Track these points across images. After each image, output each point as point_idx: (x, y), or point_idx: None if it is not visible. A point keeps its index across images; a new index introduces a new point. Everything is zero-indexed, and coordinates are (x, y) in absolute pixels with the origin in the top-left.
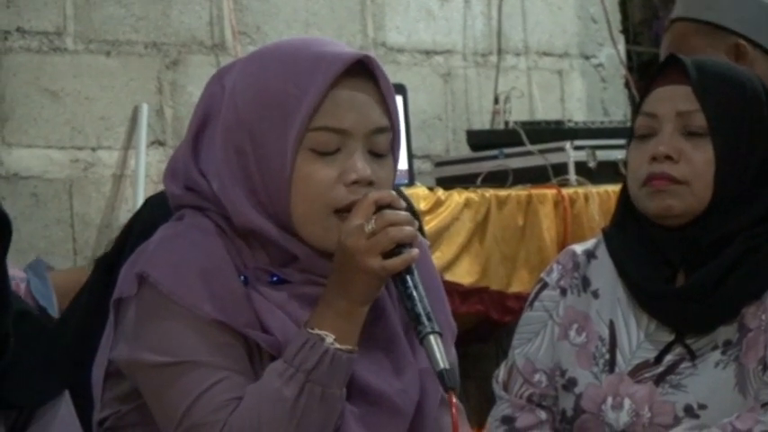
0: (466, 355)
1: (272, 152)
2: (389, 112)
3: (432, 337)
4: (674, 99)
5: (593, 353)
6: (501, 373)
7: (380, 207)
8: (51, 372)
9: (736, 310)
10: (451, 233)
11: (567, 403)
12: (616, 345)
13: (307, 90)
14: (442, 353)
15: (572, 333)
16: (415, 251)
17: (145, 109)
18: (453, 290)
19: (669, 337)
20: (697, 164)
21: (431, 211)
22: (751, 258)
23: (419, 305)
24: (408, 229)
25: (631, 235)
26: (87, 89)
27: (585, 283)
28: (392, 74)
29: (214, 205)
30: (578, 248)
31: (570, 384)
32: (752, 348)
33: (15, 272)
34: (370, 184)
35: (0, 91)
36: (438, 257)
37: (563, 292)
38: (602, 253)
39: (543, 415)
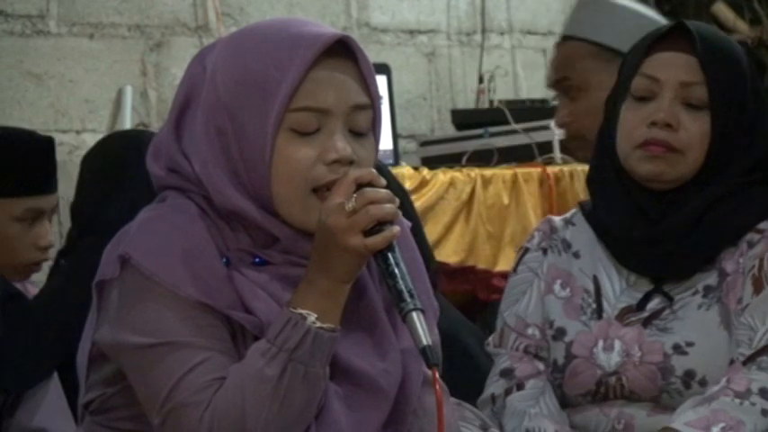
0: None
1: (253, 133)
2: (369, 90)
3: (414, 314)
4: (677, 67)
5: (580, 304)
6: (492, 337)
7: (361, 185)
8: (40, 354)
9: (713, 254)
10: (437, 212)
11: (558, 352)
12: (601, 294)
13: (286, 71)
14: (424, 329)
15: (556, 287)
16: (396, 228)
17: (129, 91)
18: (439, 269)
19: (649, 287)
20: (693, 134)
21: (416, 190)
22: (726, 202)
23: (401, 282)
24: (389, 206)
25: (610, 190)
26: (71, 72)
27: (565, 244)
28: (376, 54)
29: (196, 186)
30: (555, 217)
31: (559, 334)
32: (732, 290)
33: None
34: (350, 162)
35: None
36: None
37: (544, 251)
38: (580, 221)
39: (541, 366)
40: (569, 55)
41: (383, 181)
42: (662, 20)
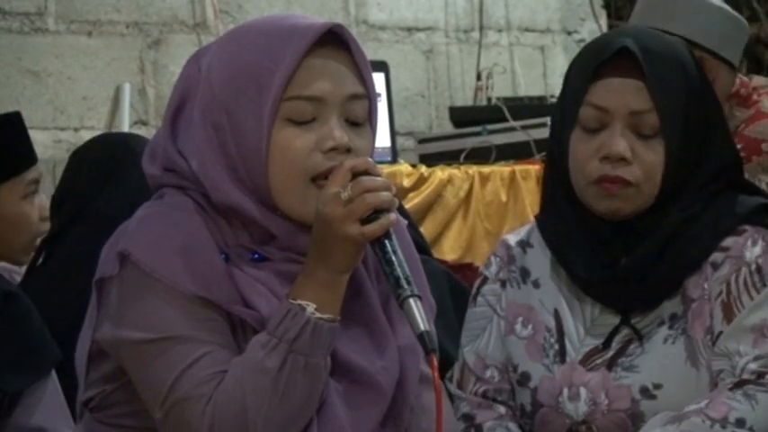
0: None
1: (249, 125)
2: (364, 80)
3: (411, 300)
4: (625, 95)
5: (543, 344)
6: (455, 372)
7: (357, 174)
8: (38, 353)
9: (678, 281)
10: (435, 210)
11: (525, 398)
12: (564, 333)
13: (280, 61)
14: (422, 315)
15: (518, 327)
16: (393, 216)
17: (127, 89)
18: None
19: (615, 320)
20: (649, 165)
21: (414, 187)
22: (686, 229)
23: (398, 269)
24: (385, 194)
25: (567, 222)
26: (69, 69)
27: (524, 273)
28: (374, 51)
29: (194, 184)
30: (512, 239)
31: (524, 379)
32: (697, 318)
33: (5, 264)
34: (347, 151)
35: None
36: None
37: (503, 284)
38: (537, 240)
39: (502, 409)
40: None
41: (379, 169)
42: (727, 7)
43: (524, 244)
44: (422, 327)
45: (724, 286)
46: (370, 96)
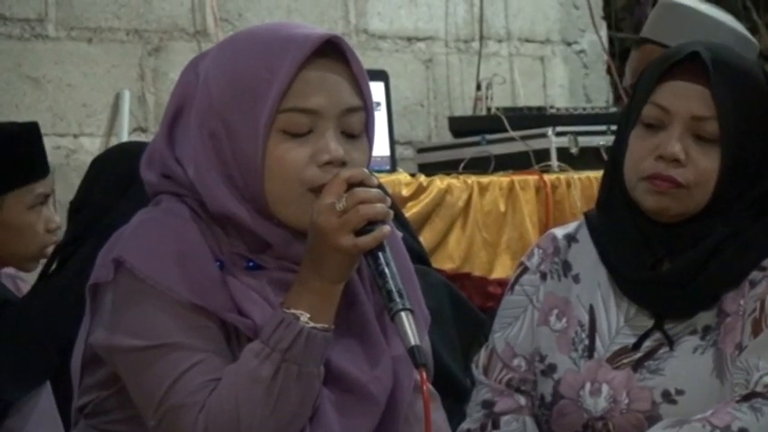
0: None
1: (245, 135)
2: (362, 92)
3: (403, 314)
4: (689, 99)
5: (573, 338)
6: (481, 357)
7: (352, 185)
8: (34, 362)
9: (716, 295)
10: (433, 219)
11: (546, 389)
12: (596, 330)
13: (276, 72)
14: (413, 329)
15: (552, 319)
16: (387, 228)
17: (126, 96)
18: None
19: (648, 322)
20: (702, 170)
21: (413, 197)
22: (731, 244)
23: (390, 282)
24: (380, 206)
25: (617, 219)
26: (69, 76)
27: (566, 267)
28: (374, 60)
29: (190, 191)
30: (559, 232)
31: (549, 370)
32: (729, 333)
33: (10, 270)
34: (343, 164)
35: None
36: None
37: (543, 276)
38: (584, 236)
39: (522, 400)
40: (646, 57)
41: (375, 180)
42: (740, 28)
43: (570, 238)
44: (412, 341)
45: (758, 304)
46: (368, 108)
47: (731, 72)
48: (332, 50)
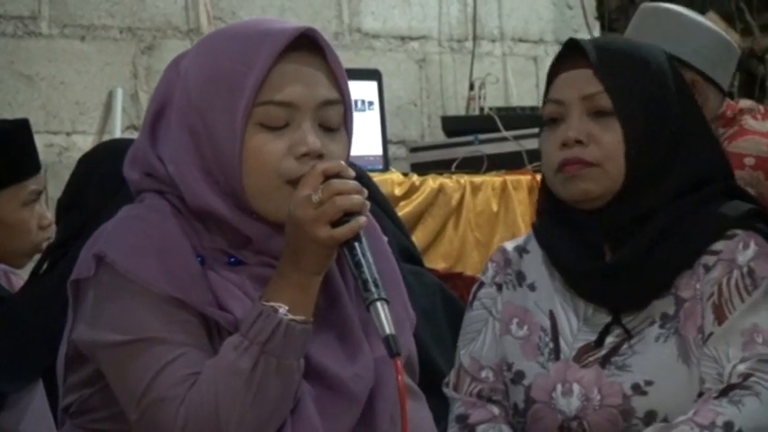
0: None
1: (222, 130)
2: (339, 85)
3: (378, 304)
4: (577, 83)
5: (538, 343)
6: (450, 377)
7: (328, 177)
8: (26, 359)
9: (668, 281)
10: (426, 219)
11: (518, 396)
12: (558, 333)
13: (253, 65)
14: (388, 319)
15: (513, 327)
16: (363, 219)
17: (119, 94)
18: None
19: (607, 319)
20: (607, 144)
21: (405, 196)
22: (677, 229)
23: (366, 272)
24: (356, 197)
25: (555, 221)
26: (62, 74)
27: (520, 277)
28: (367, 59)
29: (171, 188)
30: (509, 245)
31: (518, 377)
32: (689, 318)
33: (2, 265)
34: (320, 156)
35: None
36: None
37: (499, 287)
38: (534, 246)
39: (495, 410)
40: None
41: (352, 172)
42: (720, 31)
43: (521, 250)
44: (387, 330)
45: (716, 288)
46: (346, 101)
47: (612, 51)
48: (309, 44)
